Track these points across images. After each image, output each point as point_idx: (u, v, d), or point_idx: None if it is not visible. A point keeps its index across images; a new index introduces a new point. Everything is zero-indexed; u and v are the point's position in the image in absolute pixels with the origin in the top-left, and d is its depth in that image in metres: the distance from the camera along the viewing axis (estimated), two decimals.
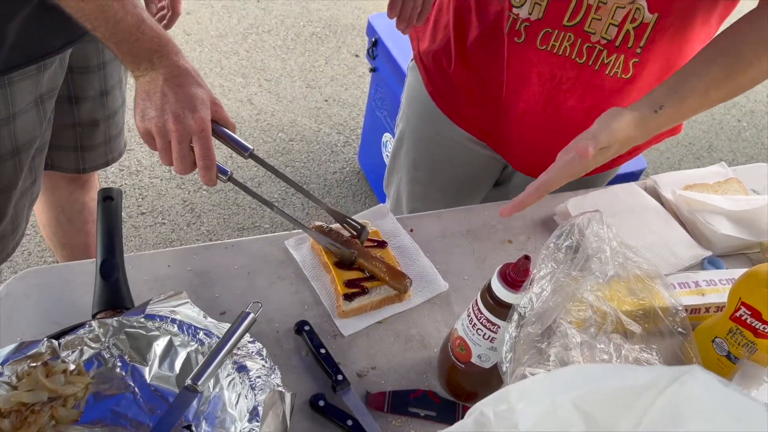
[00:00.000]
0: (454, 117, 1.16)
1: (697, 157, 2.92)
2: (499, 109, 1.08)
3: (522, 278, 0.69)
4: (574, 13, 0.91)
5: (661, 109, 0.84)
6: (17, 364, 0.68)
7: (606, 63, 0.95)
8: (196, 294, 0.85)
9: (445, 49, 1.10)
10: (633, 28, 0.90)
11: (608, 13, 0.89)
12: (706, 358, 0.83)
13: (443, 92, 1.15)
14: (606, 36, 0.92)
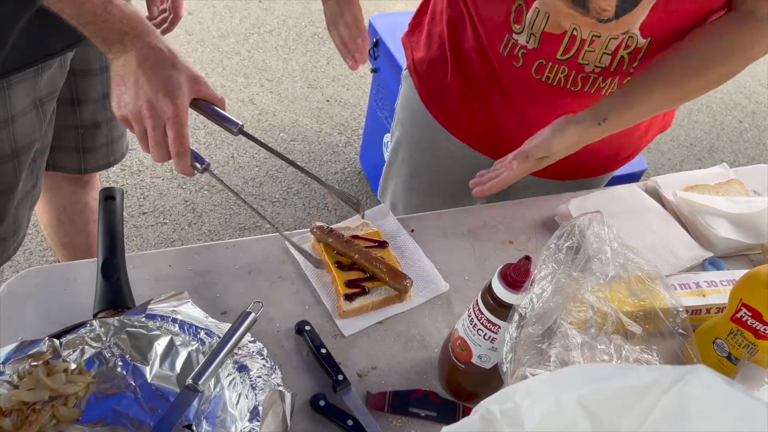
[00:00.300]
0: (449, 126, 1.15)
1: (698, 158, 2.92)
2: (496, 121, 1.08)
3: (523, 279, 0.69)
4: (567, 48, 0.92)
5: (605, 122, 0.91)
6: (18, 363, 0.68)
7: (602, 86, 0.96)
8: (197, 294, 0.85)
9: (441, 58, 1.09)
10: (627, 53, 0.91)
11: (602, 44, 0.90)
12: (707, 359, 0.83)
13: (439, 102, 1.14)
14: (600, 65, 0.93)
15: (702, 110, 3.18)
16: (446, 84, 1.10)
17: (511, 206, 1.10)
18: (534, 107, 1.01)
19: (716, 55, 0.89)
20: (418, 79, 1.15)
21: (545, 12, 0.89)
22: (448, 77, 1.08)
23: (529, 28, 0.92)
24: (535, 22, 0.90)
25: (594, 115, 0.91)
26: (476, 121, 1.11)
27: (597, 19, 0.86)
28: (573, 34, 0.90)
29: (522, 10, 0.91)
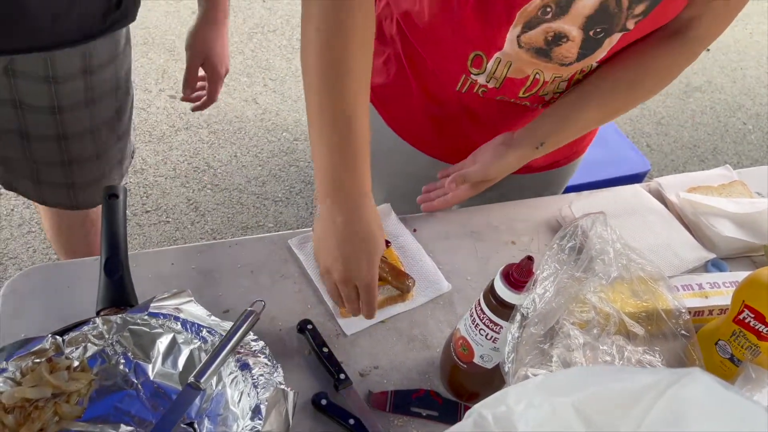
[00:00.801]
0: (422, 147, 1.10)
1: (702, 160, 2.91)
2: (469, 137, 1.05)
3: (525, 279, 0.69)
4: (529, 89, 0.93)
5: (542, 146, 0.95)
6: (21, 360, 0.68)
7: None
8: (200, 292, 0.86)
9: (403, 83, 1.03)
10: (581, 75, 0.93)
11: (561, 79, 0.92)
12: (709, 360, 0.83)
13: (407, 126, 1.09)
14: (559, 89, 0.95)
15: (706, 112, 3.17)
16: (412, 107, 1.05)
17: (513, 206, 1.10)
18: (504, 122, 1.01)
19: (646, 73, 0.91)
20: (379, 104, 1.08)
21: (507, 61, 0.88)
22: (414, 100, 1.04)
23: (490, 74, 0.91)
24: (497, 70, 0.90)
25: (532, 140, 0.95)
26: (449, 140, 1.08)
27: (559, 64, 0.87)
28: (536, 77, 0.91)
29: (481, 59, 0.90)
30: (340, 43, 0.74)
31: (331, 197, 0.77)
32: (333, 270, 0.77)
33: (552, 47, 0.84)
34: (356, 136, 0.76)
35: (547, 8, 0.79)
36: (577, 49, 0.84)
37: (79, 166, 1.23)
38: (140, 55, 2.76)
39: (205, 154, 2.43)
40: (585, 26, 0.81)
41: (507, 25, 0.82)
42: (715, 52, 3.58)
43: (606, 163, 2.01)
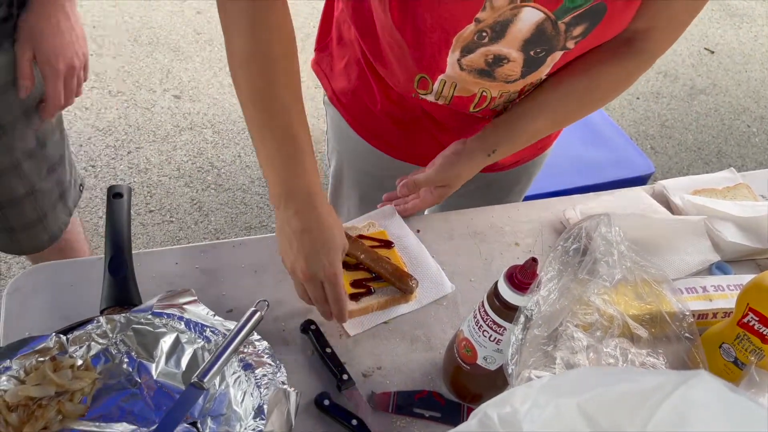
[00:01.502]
0: (389, 151, 1.10)
1: (706, 162, 2.91)
2: (435, 139, 1.05)
3: (529, 280, 0.68)
4: (478, 104, 0.93)
5: (494, 153, 0.95)
6: (25, 358, 0.68)
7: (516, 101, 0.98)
8: (204, 292, 0.86)
9: (365, 87, 1.03)
10: (532, 86, 0.92)
11: (510, 93, 0.92)
12: (713, 363, 0.83)
13: (373, 130, 1.08)
14: (510, 99, 0.95)
15: (710, 114, 3.17)
16: (376, 112, 1.04)
17: (517, 208, 1.09)
18: (468, 126, 1.01)
19: (597, 83, 0.91)
20: (344, 109, 1.08)
21: (452, 82, 0.89)
22: (378, 105, 1.03)
23: (438, 93, 0.92)
24: (444, 90, 0.91)
25: (483, 148, 0.94)
26: (414, 142, 1.08)
27: (504, 81, 0.88)
28: (483, 95, 0.91)
29: (426, 81, 0.90)
30: (264, 75, 0.78)
31: (284, 201, 0.79)
32: (296, 269, 0.79)
33: (494, 68, 0.84)
34: (295, 142, 0.79)
35: (482, 33, 0.79)
36: (520, 68, 0.85)
37: (12, 208, 1.13)
38: (145, 55, 2.77)
39: (209, 154, 2.43)
40: (524, 48, 0.81)
41: (445, 50, 0.83)
42: (719, 55, 3.57)
43: (610, 165, 2.00)
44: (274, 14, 0.77)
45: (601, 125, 2.13)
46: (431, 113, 1.01)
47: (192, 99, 2.63)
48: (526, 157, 1.15)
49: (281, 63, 0.78)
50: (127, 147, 2.37)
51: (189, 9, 3.08)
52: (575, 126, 1.99)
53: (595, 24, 0.78)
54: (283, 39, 0.79)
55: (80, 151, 2.30)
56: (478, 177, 1.03)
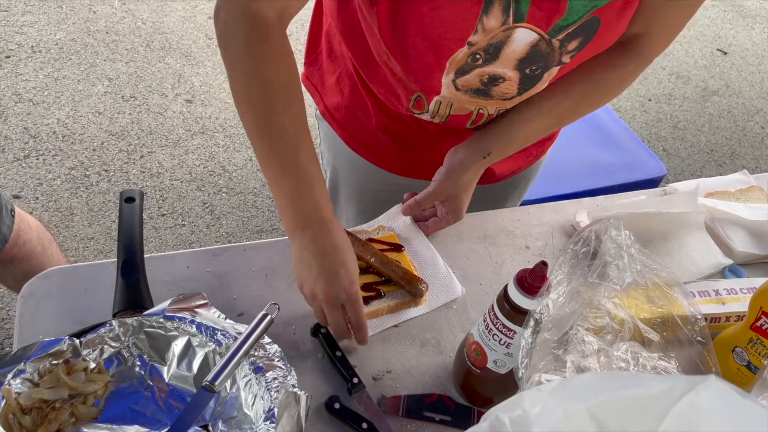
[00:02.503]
0: (387, 167, 1.09)
1: (719, 165, 2.89)
2: (430, 153, 1.04)
3: (539, 284, 0.68)
4: (475, 122, 0.93)
5: (489, 156, 0.93)
6: (39, 361, 0.69)
7: None
8: (215, 295, 0.86)
9: (358, 102, 1.02)
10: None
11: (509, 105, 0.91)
12: (726, 367, 0.82)
13: (368, 145, 1.07)
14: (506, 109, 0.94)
15: (723, 116, 3.14)
16: (371, 127, 1.03)
17: (527, 211, 1.09)
18: (464, 138, 0.99)
19: (595, 85, 0.90)
20: (338, 125, 1.07)
21: (448, 102, 0.88)
22: (373, 120, 1.02)
23: (434, 113, 0.92)
24: (440, 109, 0.90)
25: (478, 152, 0.93)
26: (412, 156, 1.07)
27: (501, 99, 0.87)
28: (480, 112, 0.91)
29: (422, 101, 0.90)
30: (264, 104, 0.77)
31: (301, 229, 0.79)
32: (317, 291, 0.78)
33: (490, 87, 0.84)
34: (304, 170, 0.79)
35: (476, 56, 0.79)
36: (516, 86, 0.84)
37: None
38: (157, 60, 2.79)
39: (221, 158, 2.45)
40: (519, 67, 0.81)
41: (439, 72, 0.83)
42: (732, 56, 3.54)
43: (621, 168, 1.99)
44: (270, 44, 0.77)
45: (612, 127, 2.12)
46: (427, 127, 1.00)
47: (204, 103, 2.65)
48: (521, 167, 1.14)
49: (281, 91, 0.78)
50: (140, 151, 2.39)
51: (200, 14, 3.11)
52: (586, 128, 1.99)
53: (590, 38, 0.78)
54: (282, 68, 0.78)
55: (93, 156, 2.32)
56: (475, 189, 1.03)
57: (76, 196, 2.18)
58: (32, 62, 2.62)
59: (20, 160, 2.25)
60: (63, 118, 2.43)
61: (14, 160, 2.24)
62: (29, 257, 1.39)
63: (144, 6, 3.05)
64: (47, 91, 2.52)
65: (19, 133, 2.33)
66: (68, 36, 2.79)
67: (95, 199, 2.19)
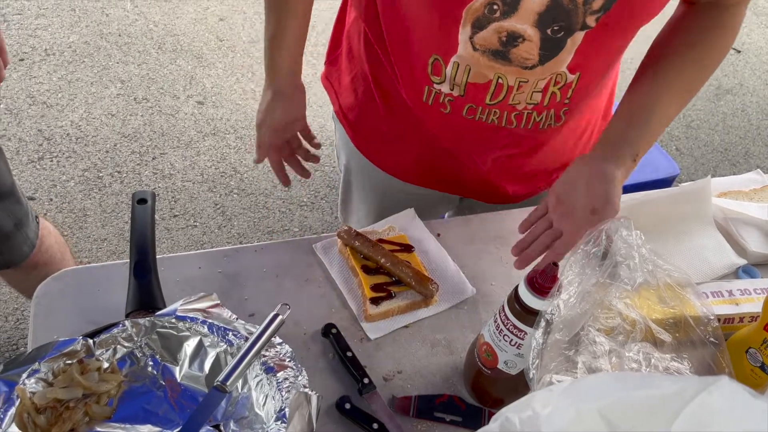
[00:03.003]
0: (395, 172, 1.09)
1: (733, 164, 2.86)
2: (440, 161, 1.03)
3: (549, 285, 0.68)
4: (495, 95, 0.88)
5: (637, 157, 0.84)
6: (53, 361, 0.70)
7: (537, 121, 0.93)
8: (226, 295, 0.87)
9: (371, 103, 1.02)
10: (558, 89, 0.88)
11: (530, 87, 0.86)
12: (739, 368, 0.81)
13: (377, 150, 1.07)
14: (532, 101, 0.89)
15: (737, 114, 3.11)
16: (382, 130, 1.03)
17: None
18: (476, 145, 0.98)
19: (703, 52, 0.86)
20: (349, 126, 1.08)
21: (465, 65, 0.85)
22: (382, 123, 1.02)
23: (451, 80, 0.88)
24: (457, 75, 0.87)
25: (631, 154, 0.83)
26: (420, 164, 1.06)
27: (521, 66, 0.83)
28: (499, 82, 0.86)
29: (440, 65, 0.87)
30: None
31: (269, 79, 1.06)
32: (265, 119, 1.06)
33: (509, 48, 0.80)
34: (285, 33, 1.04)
35: (493, 6, 0.75)
36: (537, 50, 0.80)
37: None
38: (168, 62, 2.81)
39: (232, 159, 2.46)
40: (539, 24, 0.76)
41: (456, 24, 0.79)
42: (746, 54, 3.51)
43: None
44: None
45: None
46: (441, 128, 0.97)
47: (215, 105, 2.66)
48: (540, 188, 1.11)
49: None
50: (152, 153, 2.40)
51: (212, 16, 3.12)
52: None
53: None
54: None
55: (106, 158, 2.34)
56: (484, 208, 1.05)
57: (89, 198, 2.20)
58: (46, 65, 2.65)
59: (34, 162, 2.27)
60: (76, 120, 2.45)
61: (28, 162, 2.26)
62: (50, 262, 1.42)
63: (156, 9, 3.07)
64: (61, 93, 2.55)
65: (33, 136, 2.35)
66: (81, 39, 2.82)
67: (108, 200, 2.20)
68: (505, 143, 0.97)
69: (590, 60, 0.84)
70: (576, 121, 0.99)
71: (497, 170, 1.03)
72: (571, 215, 0.81)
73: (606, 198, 0.79)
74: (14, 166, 2.23)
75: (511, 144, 0.98)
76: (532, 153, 1.01)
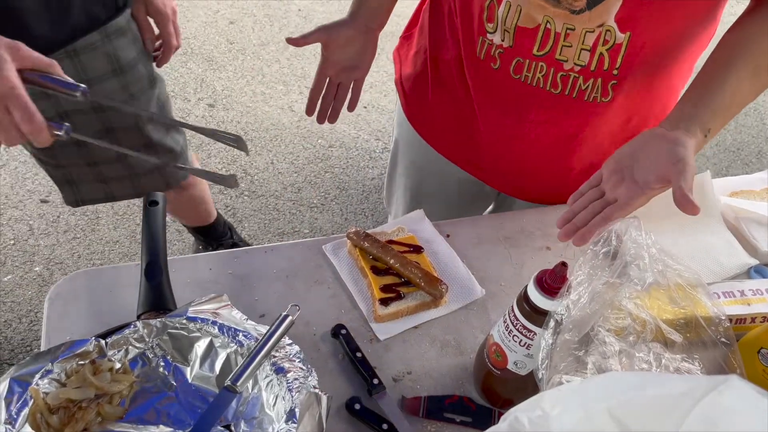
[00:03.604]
0: (432, 143, 1.13)
1: (745, 163, 2.84)
2: (475, 136, 1.05)
3: (559, 285, 0.68)
4: (543, 43, 0.89)
5: (710, 133, 0.82)
6: (66, 362, 0.70)
7: (583, 89, 0.92)
8: (237, 297, 0.87)
9: (423, 74, 1.08)
10: (606, 50, 0.87)
11: (578, 38, 0.86)
12: (751, 369, 0.81)
13: (420, 118, 1.12)
14: (579, 62, 0.89)
15: (749, 114, 3.09)
16: (429, 101, 1.08)
17: (548, 212, 1.09)
18: (516, 115, 0.98)
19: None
20: (403, 95, 1.14)
21: (517, 5, 0.87)
22: (430, 93, 1.07)
23: (502, 24, 0.89)
24: (507, 17, 0.88)
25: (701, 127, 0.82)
26: (457, 137, 1.09)
27: (569, 10, 0.83)
28: (547, 27, 0.87)
29: (494, 6, 0.89)
30: None
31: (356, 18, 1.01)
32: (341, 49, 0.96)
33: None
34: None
35: None
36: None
37: (135, 158, 1.32)
38: (179, 64, 2.83)
39: (243, 161, 2.47)
40: None
41: None
42: None
43: None
44: None
45: None
46: (486, 93, 0.99)
47: (225, 107, 2.68)
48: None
49: None
50: None
51: (222, 19, 3.14)
52: None
53: None
54: None
55: None
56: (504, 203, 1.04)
57: None
58: None
59: None
60: None
61: None
62: (195, 184, 1.66)
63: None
64: None
65: None
66: None
67: (120, 202, 2.22)
68: (547, 117, 0.96)
69: (641, 19, 0.83)
70: (624, 108, 0.96)
71: (534, 155, 1.02)
72: (630, 181, 0.80)
73: (676, 158, 0.76)
74: (28, 169, 2.25)
75: (553, 119, 0.96)
76: (573, 138, 0.99)
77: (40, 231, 2.08)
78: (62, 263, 2.03)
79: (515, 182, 1.12)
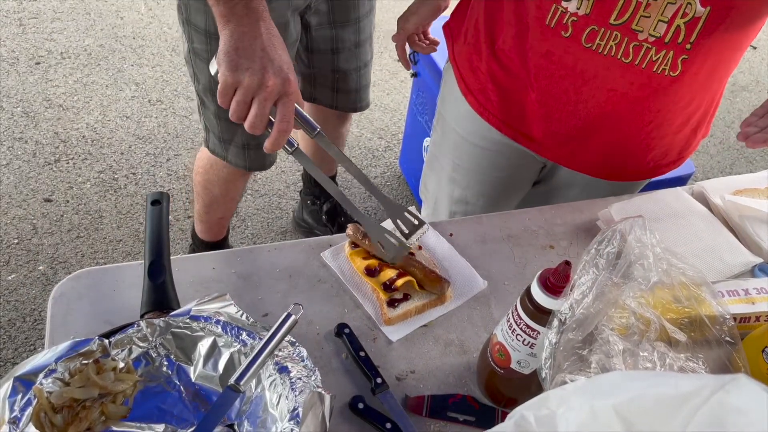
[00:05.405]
0: (485, 115, 1.13)
1: (749, 161, 2.83)
2: (531, 106, 1.05)
3: (562, 284, 0.68)
4: (622, 11, 0.88)
5: None
6: (70, 361, 0.70)
7: (654, 60, 0.91)
8: (240, 296, 0.87)
9: (476, 46, 1.08)
10: (684, 23, 0.86)
11: (658, 9, 0.86)
12: (756, 368, 0.81)
13: (475, 90, 1.12)
14: (654, 33, 0.89)
15: None
16: (482, 71, 1.09)
17: (552, 211, 1.08)
18: (579, 86, 0.98)
19: None
20: (457, 68, 1.15)
21: None
22: (483, 64, 1.07)
23: None
24: None
25: None
26: (511, 108, 1.08)
27: None
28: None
29: None
30: None
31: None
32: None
33: None
34: None
35: None
36: None
37: (342, 76, 1.60)
38: (182, 64, 2.82)
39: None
40: None
41: None
42: (762, 51, 3.47)
43: None
44: None
45: None
46: (545, 66, 0.98)
47: None
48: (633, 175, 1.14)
49: None
50: (166, 154, 2.42)
51: None
52: None
53: None
54: None
55: (121, 159, 2.36)
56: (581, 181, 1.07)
57: (104, 199, 2.22)
58: (62, 68, 2.68)
59: (51, 164, 2.29)
60: (92, 122, 2.48)
61: (45, 164, 2.29)
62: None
63: (170, 12, 3.09)
64: (76, 96, 2.57)
65: (50, 138, 2.38)
66: (96, 42, 2.84)
67: (123, 202, 2.22)
68: (612, 86, 0.96)
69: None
70: (688, 86, 0.96)
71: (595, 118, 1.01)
72: None
73: None
74: (31, 169, 2.26)
75: (619, 86, 0.96)
76: (635, 110, 0.99)
77: (43, 230, 2.09)
78: (66, 262, 2.03)
79: (572, 147, 1.09)
